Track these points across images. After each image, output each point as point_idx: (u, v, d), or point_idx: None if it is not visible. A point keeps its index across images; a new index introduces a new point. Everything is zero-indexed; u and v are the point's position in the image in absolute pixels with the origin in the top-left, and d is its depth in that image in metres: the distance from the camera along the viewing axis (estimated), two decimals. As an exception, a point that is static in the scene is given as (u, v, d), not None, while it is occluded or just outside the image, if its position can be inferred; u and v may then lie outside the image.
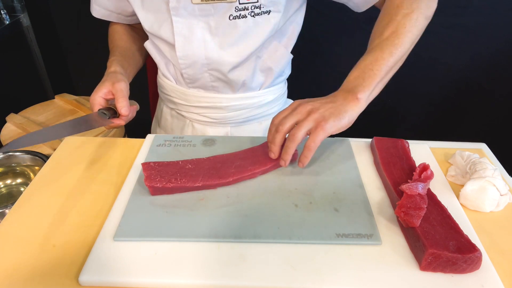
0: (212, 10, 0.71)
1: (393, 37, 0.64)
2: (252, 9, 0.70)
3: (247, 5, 0.70)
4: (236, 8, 0.70)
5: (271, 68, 0.82)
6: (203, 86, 0.83)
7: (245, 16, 0.71)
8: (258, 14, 0.71)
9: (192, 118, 0.89)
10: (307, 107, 0.60)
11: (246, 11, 0.70)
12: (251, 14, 0.71)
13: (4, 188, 0.88)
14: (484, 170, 0.62)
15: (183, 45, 0.75)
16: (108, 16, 0.86)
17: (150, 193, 0.60)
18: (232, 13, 0.70)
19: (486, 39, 1.33)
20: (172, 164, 0.63)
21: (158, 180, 0.59)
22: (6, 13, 1.42)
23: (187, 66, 0.79)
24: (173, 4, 0.70)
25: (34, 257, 0.52)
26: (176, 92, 0.87)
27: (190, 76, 0.81)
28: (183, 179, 0.60)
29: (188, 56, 0.77)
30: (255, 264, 0.50)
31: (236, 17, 0.71)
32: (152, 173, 0.60)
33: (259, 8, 0.70)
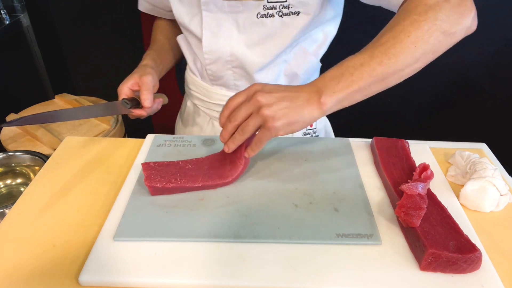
0: (241, 7, 0.71)
1: (390, 45, 0.53)
2: (280, 9, 0.70)
3: (275, 4, 0.69)
4: (264, 6, 0.70)
5: (297, 74, 0.82)
6: (225, 84, 0.83)
7: (273, 15, 0.71)
8: (286, 14, 0.71)
9: (213, 116, 0.90)
10: (262, 100, 0.53)
11: (274, 10, 0.70)
12: (278, 13, 0.70)
13: (4, 188, 0.88)
14: (484, 170, 0.62)
15: (210, 40, 0.76)
16: (151, 10, 0.89)
17: (150, 193, 0.60)
18: (260, 11, 0.70)
19: (486, 39, 1.33)
20: (172, 164, 0.63)
21: (158, 180, 0.59)
22: (6, 13, 1.42)
23: (211, 62, 0.79)
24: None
25: (34, 257, 0.52)
26: (200, 88, 0.88)
27: (213, 72, 0.82)
28: (183, 179, 0.60)
29: (213, 51, 0.77)
30: (255, 264, 0.50)
31: (264, 16, 0.71)
32: (152, 173, 0.60)
33: (288, 8, 0.70)
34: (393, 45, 0.53)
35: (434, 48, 0.54)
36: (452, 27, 0.54)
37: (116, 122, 1.18)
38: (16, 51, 1.51)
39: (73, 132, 1.13)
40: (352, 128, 1.58)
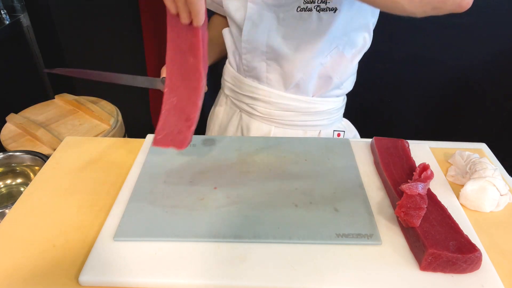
0: (283, 1, 0.73)
1: None
2: (318, 3, 0.72)
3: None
4: (304, 0, 0.72)
5: (331, 77, 0.82)
6: (258, 76, 0.85)
7: (311, 9, 0.73)
8: (323, 10, 0.73)
9: (242, 108, 0.92)
10: None
11: (312, 5, 0.72)
12: (316, 8, 0.72)
13: (4, 188, 0.88)
14: (484, 170, 0.62)
15: (250, 29, 0.79)
16: (209, 5, 0.91)
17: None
18: (300, 5, 0.73)
19: (486, 39, 1.33)
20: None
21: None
22: (6, 13, 1.42)
23: (247, 51, 0.82)
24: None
25: (34, 257, 0.52)
26: (234, 79, 0.90)
27: (248, 62, 0.84)
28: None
29: (251, 40, 0.80)
30: (255, 264, 0.50)
31: (303, 10, 0.73)
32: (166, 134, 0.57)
33: (325, 3, 0.72)
34: None
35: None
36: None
37: (116, 122, 1.18)
38: (16, 51, 1.51)
39: (73, 132, 1.13)
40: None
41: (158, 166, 0.66)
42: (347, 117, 0.97)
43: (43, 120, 1.17)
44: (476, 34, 1.32)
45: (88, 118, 1.20)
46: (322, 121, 0.89)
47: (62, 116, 1.21)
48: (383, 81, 1.46)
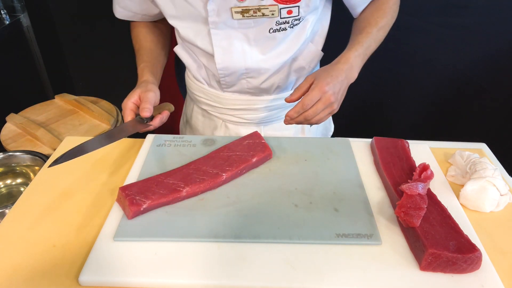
0: (252, 24, 0.72)
1: (382, 31, 0.77)
2: (292, 22, 0.72)
3: (288, 19, 0.71)
4: (277, 22, 0.71)
5: (304, 67, 0.84)
6: (239, 90, 0.84)
7: (285, 29, 0.73)
8: (296, 25, 0.73)
9: (226, 119, 0.90)
10: (331, 98, 0.66)
11: (286, 24, 0.72)
12: (290, 26, 0.73)
13: (4, 188, 0.88)
14: (484, 170, 0.62)
15: (223, 56, 0.76)
16: (132, 17, 0.86)
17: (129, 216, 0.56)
18: (272, 27, 0.72)
19: (486, 39, 1.33)
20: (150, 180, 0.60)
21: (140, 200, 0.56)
22: (6, 13, 1.42)
23: (225, 76, 0.80)
24: (212, 19, 0.71)
25: (34, 257, 0.52)
26: (209, 94, 0.87)
27: (227, 82, 0.82)
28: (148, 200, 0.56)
29: (228, 67, 0.78)
30: (255, 264, 0.50)
31: (276, 31, 0.73)
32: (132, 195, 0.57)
33: (299, 20, 0.72)
34: (383, 33, 0.78)
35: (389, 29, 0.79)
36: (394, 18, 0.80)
37: (116, 122, 1.18)
38: (16, 51, 1.51)
39: (73, 132, 1.13)
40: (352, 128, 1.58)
41: (158, 166, 0.66)
42: (347, 117, 0.97)
43: (43, 120, 1.17)
44: (476, 34, 1.32)
45: (88, 118, 1.20)
46: None
47: (62, 116, 1.21)
48: (383, 81, 1.46)
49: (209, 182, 0.61)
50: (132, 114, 0.70)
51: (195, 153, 0.70)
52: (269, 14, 0.69)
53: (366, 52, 0.74)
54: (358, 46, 0.72)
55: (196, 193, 0.60)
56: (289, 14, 0.70)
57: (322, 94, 0.66)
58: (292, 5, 0.69)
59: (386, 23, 0.77)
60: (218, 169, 0.62)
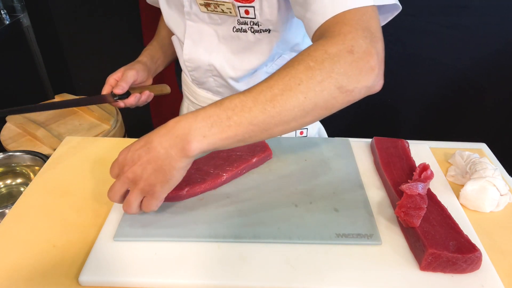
0: (219, 20, 0.73)
1: (277, 91, 0.46)
2: (251, 25, 0.71)
3: (246, 20, 0.71)
4: (238, 21, 0.71)
5: None
6: (209, 89, 0.85)
7: (246, 31, 0.72)
8: (257, 31, 0.72)
9: None
10: (129, 175, 0.49)
11: (246, 26, 0.71)
12: (251, 30, 0.72)
13: (4, 188, 0.88)
14: (484, 170, 0.62)
15: (190, 48, 0.78)
16: (157, 3, 0.87)
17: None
18: (235, 26, 0.72)
19: (486, 39, 1.33)
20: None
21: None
22: (6, 13, 1.42)
23: (192, 69, 0.82)
24: (187, 9, 0.73)
25: (34, 257, 0.52)
26: (190, 89, 0.90)
27: (196, 78, 0.83)
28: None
29: (193, 59, 0.79)
30: (255, 264, 0.50)
31: (239, 30, 0.72)
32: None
33: (258, 26, 0.71)
34: (280, 92, 0.45)
35: (327, 103, 0.47)
36: (349, 84, 0.46)
37: (116, 122, 1.18)
38: (16, 51, 1.51)
39: (73, 132, 1.13)
40: (352, 128, 1.58)
41: (158, 166, 0.66)
42: (347, 117, 0.97)
43: (43, 120, 1.17)
44: (476, 34, 1.32)
45: (88, 118, 1.20)
46: None
47: (62, 116, 1.21)
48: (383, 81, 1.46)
49: (210, 182, 0.61)
50: (109, 88, 0.77)
51: (195, 153, 0.70)
52: (227, 11, 0.69)
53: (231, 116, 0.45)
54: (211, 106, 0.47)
55: (196, 193, 0.60)
56: (246, 14, 0.69)
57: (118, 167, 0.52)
58: (247, 5, 0.67)
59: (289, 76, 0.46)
60: (218, 169, 0.62)
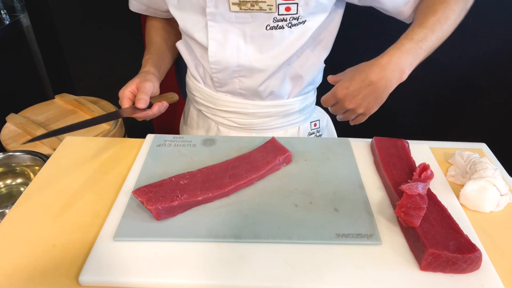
0: (250, 19, 0.70)
1: (443, 21, 0.66)
2: (290, 20, 0.70)
3: (285, 17, 0.69)
4: (274, 18, 0.69)
5: (301, 76, 0.81)
6: (231, 91, 0.83)
7: (282, 27, 0.70)
8: (295, 25, 0.71)
9: (218, 121, 0.89)
10: (351, 105, 0.66)
11: (284, 22, 0.70)
12: (288, 25, 0.70)
13: (4, 188, 0.88)
14: (484, 170, 0.62)
15: (216, 50, 0.75)
16: (145, 10, 0.87)
17: (155, 217, 0.55)
18: (269, 24, 0.70)
19: (486, 39, 1.33)
20: (165, 182, 0.59)
21: (160, 201, 0.55)
22: (6, 13, 1.42)
23: (217, 71, 0.79)
24: (210, 9, 0.70)
25: (34, 257, 0.52)
26: (204, 94, 0.86)
27: (220, 80, 0.81)
28: (184, 195, 0.57)
29: (220, 61, 0.76)
30: (255, 264, 0.50)
31: (273, 28, 0.70)
32: (150, 196, 0.56)
33: (297, 20, 0.70)
34: (445, 21, 0.66)
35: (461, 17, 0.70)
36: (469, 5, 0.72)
37: (116, 122, 1.18)
38: (16, 51, 1.51)
39: (73, 132, 1.13)
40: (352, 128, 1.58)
41: (158, 166, 0.66)
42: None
43: (43, 120, 1.17)
44: (476, 34, 1.32)
45: (88, 118, 1.20)
46: (300, 118, 0.89)
47: (62, 116, 1.21)
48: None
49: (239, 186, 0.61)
50: (129, 102, 0.72)
51: (195, 153, 0.70)
52: (267, 8, 0.67)
53: (421, 45, 0.65)
54: (406, 41, 0.64)
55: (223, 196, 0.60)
56: (287, 11, 0.68)
57: (337, 100, 0.67)
58: (290, 2, 0.67)
59: (447, 9, 0.66)
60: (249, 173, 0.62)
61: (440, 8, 0.67)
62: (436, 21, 0.66)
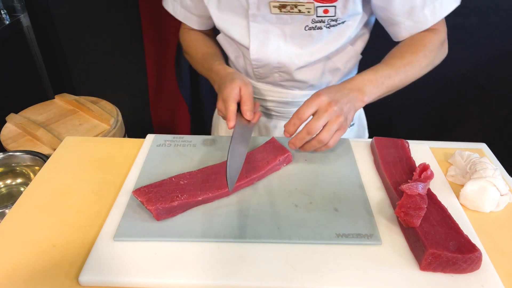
0: (289, 20, 0.73)
1: (409, 67, 0.71)
2: (329, 22, 0.72)
3: (324, 18, 0.72)
4: (313, 20, 0.72)
5: (339, 69, 0.83)
6: (271, 82, 0.86)
7: (321, 27, 0.73)
8: (333, 26, 0.73)
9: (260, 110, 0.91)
10: (335, 109, 0.62)
11: (322, 23, 0.72)
12: (326, 26, 0.73)
13: (4, 188, 0.88)
14: (485, 170, 0.62)
15: (258, 48, 0.78)
16: (189, 19, 0.87)
17: (155, 217, 0.55)
18: (308, 25, 0.73)
19: (486, 39, 1.33)
20: (165, 182, 0.59)
21: (161, 201, 0.55)
22: (6, 13, 1.42)
23: (259, 67, 0.82)
24: (252, 11, 0.73)
25: (34, 257, 0.52)
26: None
27: (260, 74, 0.84)
28: (184, 195, 0.57)
29: (261, 59, 0.80)
30: (255, 264, 0.50)
31: (312, 28, 0.73)
32: (150, 197, 0.56)
33: (336, 21, 0.72)
34: (410, 69, 0.72)
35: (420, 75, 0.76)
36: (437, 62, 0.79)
37: (116, 122, 1.18)
38: (16, 51, 1.51)
39: (73, 132, 1.13)
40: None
41: (158, 166, 0.66)
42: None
43: (43, 120, 1.17)
44: (476, 34, 1.32)
45: (88, 118, 1.20)
46: None
47: (62, 116, 1.21)
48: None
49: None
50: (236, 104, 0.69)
51: (195, 153, 0.70)
52: (305, 11, 0.70)
53: (383, 81, 0.68)
54: (370, 72, 0.69)
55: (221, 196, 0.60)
56: (325, 13, 0.70)
57: (322, 105, 0.62)
58: (328, 5, 0.69)
59: (414, 59, 0.72)
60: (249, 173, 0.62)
61: (409, 56, 0.72)
62: (401, 66, 0.71)
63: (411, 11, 0.72)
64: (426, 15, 0.72)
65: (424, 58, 0.73)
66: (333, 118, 0.62)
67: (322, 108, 0.62)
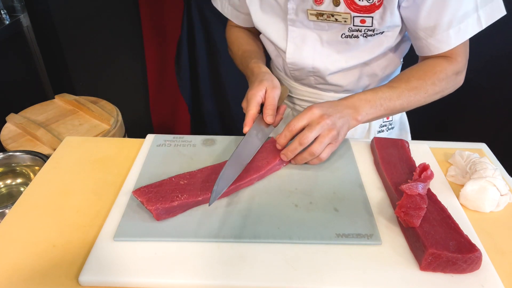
0: (326, 27, 0.74)
1: (413, 93, 0.69)
2: (365, 31, 0.72)
3: (360, 28, 0.72)
4: (349, 29, 0.72)
5: (377, 74, 0.83)
6: (307, 84, 0.87)
7: (357, 36, 0.73)
8: (370, 35, 0.73)
9: (294, 109, 0.93)
10: (328, 122, 0.62)
11: (359, 33, 0.72)
12: (363, 35, 0.73)
13: (4, 188, 0.88)
14: (485, 170, 0.62)
15: (293, 52, 0.79)
16: (236, 17, 0.89)
17: (155, 218, 0.55)
18: (345, 33, 0.73)
19: (486, 39, 1.33)
20: (165, 183, 0.59)
21: (161, 201, 0.55)
22: (6, 13, 1.42)
23: (294, 70, 0.83)
24: (291, 16, 0.75)
25: (34, 257, 0.52)
26: (284, 81, 0.90)
27: (296, 76, 0.85)
28: (184, 195, 0.57)
29: (296, 63, 0.81)
30: (255, 264, 0.50)
31: (348, 36, 0.74)
32: (150, 197, 0.56)
33: (373, 31, 0.72)
34: (414, 95, 0.70)
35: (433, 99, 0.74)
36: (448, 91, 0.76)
37: (116, 122, 1.18)
38: (16, 51, 1.51)
39: (73, 132, 1.14)
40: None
41: (158, 166, 0.66)
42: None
43: (43, 120, 1.17)
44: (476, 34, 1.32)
45: (88, 118, 1.20)
46: None
47: (62, 116, 1.21)
48: (383, 81, 1.46)
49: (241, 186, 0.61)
50: (258, 108, 0.69)
51: (195, 153, 0.70)
52: (342, 20, 0.71)
53: (382, 102, 0.67)
54: (370, 92, 0.68)
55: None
56: (362, 23, 0.70)
57: (314, 118, 0.62)
58: (365, 15, 0.69)
59: (420, 86, 0.69)
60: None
61: (416, 82, 0.70)
62: (405, 90, 0.69)
63: (434, 28, 0.69)
64: (450, 36, 0.70)
65: (432, 86, 0.70)
66: (325, 131, 0.62)
67: (315, 121, 0.62)
